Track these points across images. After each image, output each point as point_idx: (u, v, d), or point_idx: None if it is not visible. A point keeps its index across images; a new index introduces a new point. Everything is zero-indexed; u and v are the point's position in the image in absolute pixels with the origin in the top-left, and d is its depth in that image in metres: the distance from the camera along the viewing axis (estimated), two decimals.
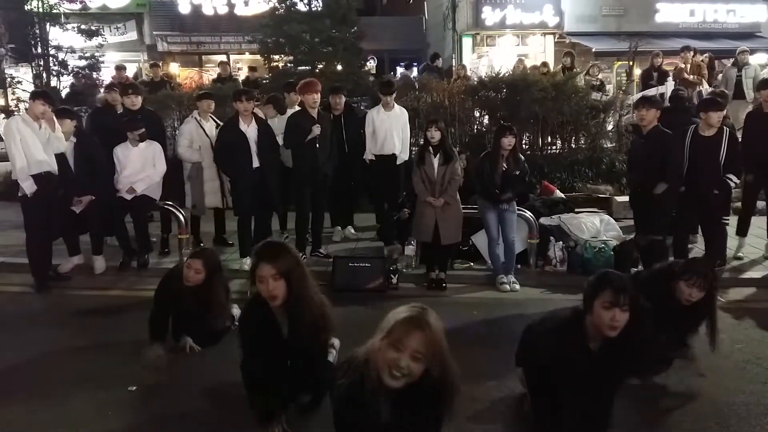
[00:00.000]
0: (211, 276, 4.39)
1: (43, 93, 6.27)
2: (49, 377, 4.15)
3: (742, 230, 6.65)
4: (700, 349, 4.05)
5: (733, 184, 5.66)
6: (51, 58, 12.00)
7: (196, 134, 6.78)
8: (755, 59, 12.23)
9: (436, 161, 5.93)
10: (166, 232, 7.07)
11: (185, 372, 4.22)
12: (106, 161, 6.46)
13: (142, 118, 6.73)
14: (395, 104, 7.28)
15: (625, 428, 3.49)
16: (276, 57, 12.90)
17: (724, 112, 6.26)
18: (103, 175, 6.41)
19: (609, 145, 9.74)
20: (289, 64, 12.38)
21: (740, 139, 6.21)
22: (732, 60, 11.37)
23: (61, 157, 6.14)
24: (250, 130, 6.20)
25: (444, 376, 2.41)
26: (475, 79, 10.14)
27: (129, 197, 6.41)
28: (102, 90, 7.57)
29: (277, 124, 6.88)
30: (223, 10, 18.75)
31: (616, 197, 8.22)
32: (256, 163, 6.22)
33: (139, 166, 6.51)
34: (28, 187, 5.82)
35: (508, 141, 5.93)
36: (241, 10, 18.57)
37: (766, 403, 3.71)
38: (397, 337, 2.33)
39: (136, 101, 6.88)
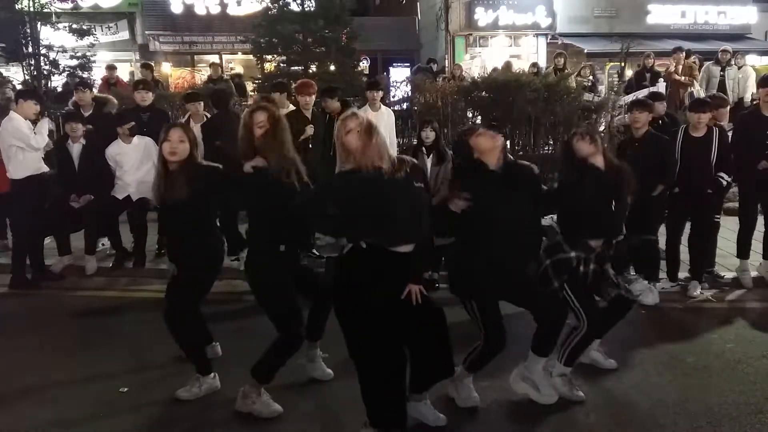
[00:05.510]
0: None
1: (33, 92, 6.30)
2: (40, 378, 4.13)
3: (744, 251, 6.01)
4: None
5: (724, 183, 5.69)
6: (42, 58, 11.92)
7: None
8: (746, 61, 12.27)
9: (429, 162, 5.94)
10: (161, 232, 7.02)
11: (178, 373, 4.20)
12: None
13: (151, 116, 6.67)
14: (382, 105, 7.29)
15: (617, 428, 3.51)
16: (269, 57, 12.86)
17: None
18: (108, 177, 6.39)
19: None
20: (282, 65, 12.36)
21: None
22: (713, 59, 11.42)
23: (65, 157, 6.28)
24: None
25: None
26: (469, 79, 10.13)
27: (121, 197, 6.37)
28: (78, 90, 7.42)
29: None
30: (215, 9, 18.65)
31: None
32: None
33: (137, 161, 6.39)
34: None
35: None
36: (233, 10, 18.47)
37: (756, 402, 3.74)
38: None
39: (146, 97, 6.82)
